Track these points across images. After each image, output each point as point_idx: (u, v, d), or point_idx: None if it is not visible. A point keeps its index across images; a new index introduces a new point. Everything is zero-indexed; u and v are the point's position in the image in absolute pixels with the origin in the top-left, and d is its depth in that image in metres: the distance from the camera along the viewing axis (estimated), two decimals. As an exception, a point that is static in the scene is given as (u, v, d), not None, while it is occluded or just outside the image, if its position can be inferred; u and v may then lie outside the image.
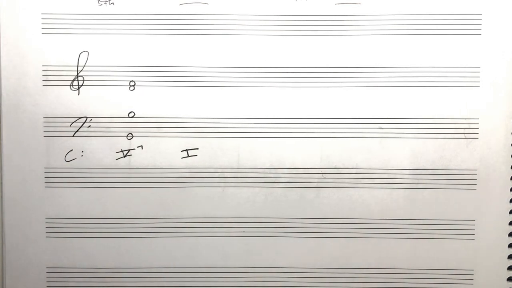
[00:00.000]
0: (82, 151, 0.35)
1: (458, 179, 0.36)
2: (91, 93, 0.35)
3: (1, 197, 0.36)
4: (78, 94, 0.35)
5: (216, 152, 0.35)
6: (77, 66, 0.35)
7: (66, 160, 0.35)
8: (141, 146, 0.35)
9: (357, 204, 0.36)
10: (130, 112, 0.35)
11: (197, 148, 0.35)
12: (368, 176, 0.36)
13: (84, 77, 0.35)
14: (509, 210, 0.36)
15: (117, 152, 0.35)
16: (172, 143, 0.35)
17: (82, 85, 0.35)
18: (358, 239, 0.36)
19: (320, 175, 0.36)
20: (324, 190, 0.36)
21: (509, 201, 0.36)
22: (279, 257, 0.36)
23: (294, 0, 0.35)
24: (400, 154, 0.35)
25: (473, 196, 0.36)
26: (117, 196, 0.36)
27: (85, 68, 0.35)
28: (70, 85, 0.35)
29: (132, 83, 0.35)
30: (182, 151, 0.35)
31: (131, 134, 0.35)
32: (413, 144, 0.35)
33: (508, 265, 0.36)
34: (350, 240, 0.36)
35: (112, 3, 0.35)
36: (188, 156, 0.36)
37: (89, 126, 0.35)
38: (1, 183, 0.36)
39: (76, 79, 0.35)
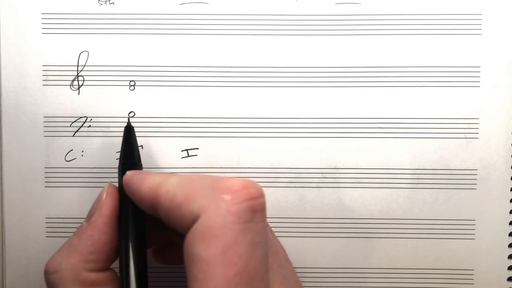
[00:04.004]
0: (82, 151, 0.35)
1: (458, 179, 0.36)
2: (91, 93, 0.35)
3: (1, 197, 0.36)
4: (78, 94, 0.35)
5: (216, 152, 0.35)
6: (77, 66, 0.35)
7: (66, 160, 0.35)
8: (141, 146, 0.35)
9: (357, 204, 0.36)
10: (130, 112, 0.35)
11: (197, 148, 0.35)
12: (368, 176, 0.36)
13: (84, 77, 0.35)
14: (509, 210, 0.36)
15: (117, 152, 0.35)
16: (172, 143, 0.35)
17: (82, 85, 0.35)
18: (358, 239, 0.36)
19: (320, 175, 0.36)
20: (324, 190, 0.36)
21: (509, 201, 0.36)
22: (279, 257, 0.36)
23: (294, 0, 0.35)
24: (400, 154, 0.35)
25: (473, 196, 0.36)
26: (117, 196, 0.36)
27: (85, 68, 0.35)
28: (70, 85, 0.35)
29: (132, 83, 0.35)
30: (182, 151, 0.35)
31: (131, 134, 0.35)
32: (413, 144, 0.35)
33: (508, 265, 0.36)
34: (350, 240, 0.36)
35: (112, 3, 0.35)
36: (188, 156, 0.36)
37: (89, 126, 0.35)
38: (1, 183, 0.36)
39: (76, 79, 0.35)
